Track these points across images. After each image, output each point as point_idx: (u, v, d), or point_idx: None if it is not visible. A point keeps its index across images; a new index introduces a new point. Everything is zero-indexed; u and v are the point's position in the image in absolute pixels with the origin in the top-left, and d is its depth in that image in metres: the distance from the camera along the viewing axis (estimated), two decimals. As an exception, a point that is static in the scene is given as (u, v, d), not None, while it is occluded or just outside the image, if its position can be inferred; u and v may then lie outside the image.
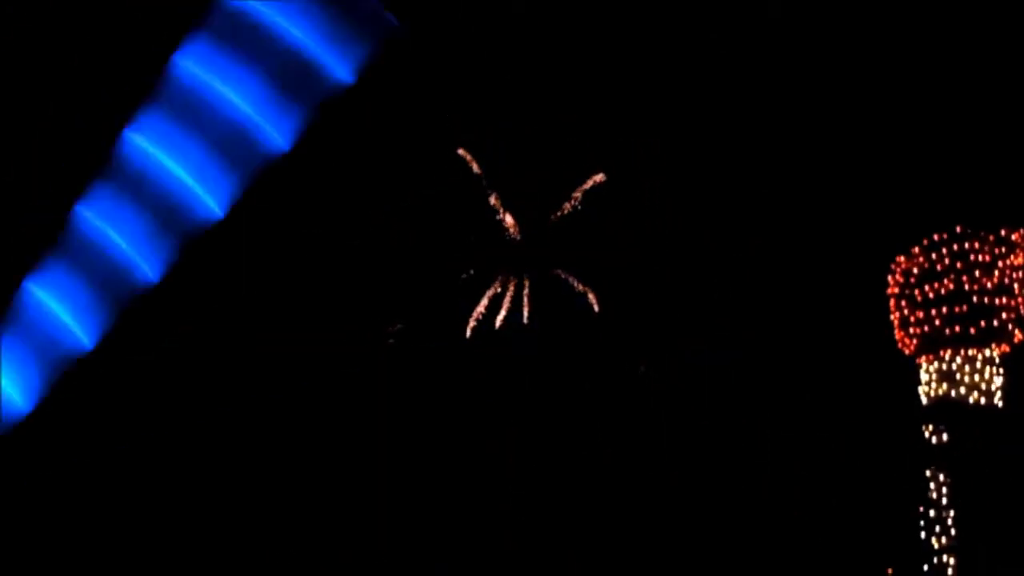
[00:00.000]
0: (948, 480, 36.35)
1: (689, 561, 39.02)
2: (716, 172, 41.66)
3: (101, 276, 38.22)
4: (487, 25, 40.77)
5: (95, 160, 39.48)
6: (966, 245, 37.30)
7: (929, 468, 36.92)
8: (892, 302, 38.62)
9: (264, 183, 39.80)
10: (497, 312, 41.98)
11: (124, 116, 39.58)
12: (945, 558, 35.91)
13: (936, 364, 37.64)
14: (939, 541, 36.12)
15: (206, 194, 37.96)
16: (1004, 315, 36.93)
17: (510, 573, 39.51)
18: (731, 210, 41.44)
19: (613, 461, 40.54)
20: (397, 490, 40.09)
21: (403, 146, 41.60)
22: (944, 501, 36.33)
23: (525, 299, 42.23)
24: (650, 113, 41.49)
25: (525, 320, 41.80)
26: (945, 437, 36.63)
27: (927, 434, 37.08)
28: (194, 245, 39.23)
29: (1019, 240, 37.48)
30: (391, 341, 41.31)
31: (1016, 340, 37.06)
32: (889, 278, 38.54)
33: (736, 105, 41.20)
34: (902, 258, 38.45)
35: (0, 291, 38.64)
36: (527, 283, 42.47)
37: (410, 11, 40.15)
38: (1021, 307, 37.10)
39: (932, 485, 36.80)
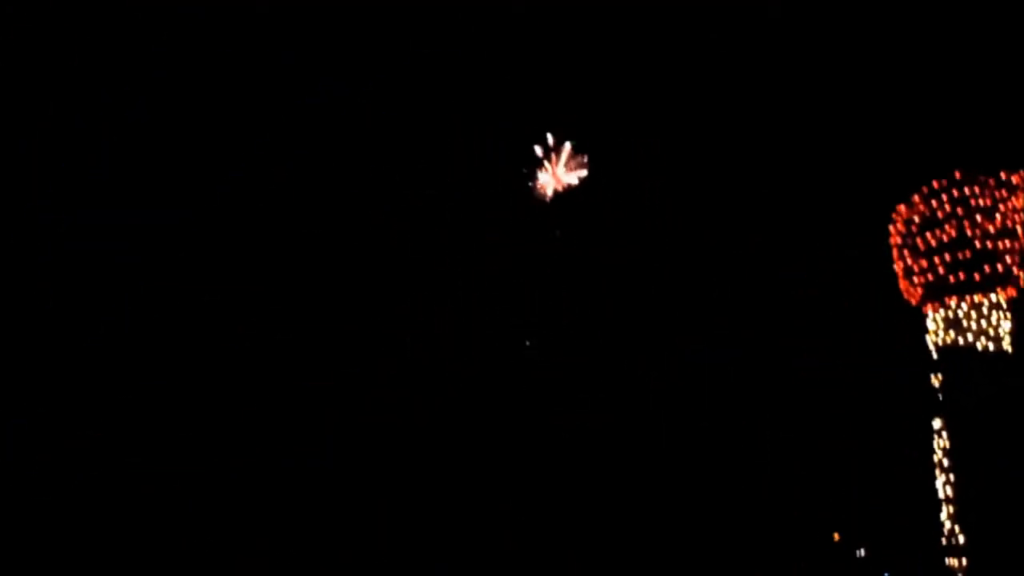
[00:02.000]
0: (955, 428, 36.09)
1: (688, 558, 38.96)
2: (716, 172, 41.62)
3: None
4: (487, 25, 40.74)
5: (95, 160, 39.61)
6: (966, 190, 36.93)
7: (937, 417, 36.69)
8: (895, 252, 38.30)
9: (265, 184, 39.90)
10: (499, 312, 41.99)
11: (123, 117, 39.73)
12: (953, 506, 35.71)
13: (942, 312, 37.35)
14: (947, 488, 35.93)
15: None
16: (1008, 258, 36.54)
17: (510, 573, 39.44)
18: (731, 210, 41.39)
19: (613, 460, 40.48)
20: (397, 490, 40.05)
21: (403, 146, 41.61)
22: (952, 449, 36.07)
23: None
24: (650, 113, 41.46)
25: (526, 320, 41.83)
26: (953, 385, 36.41)
27: (936, 383, 36.86)
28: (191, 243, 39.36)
29: (1019, 182, 37.08)
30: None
31: (1022, 283, 36.63)
32: (891, 228, 38.17)
33: (735, 105, 41.15)
34: (903, 207, 38.08)
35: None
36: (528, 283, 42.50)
37: (410, 13, 40.19)
38: None
39: (940, 434, 36.61)
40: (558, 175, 44.25)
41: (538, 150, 44.49)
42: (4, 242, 38.97)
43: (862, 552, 38.19)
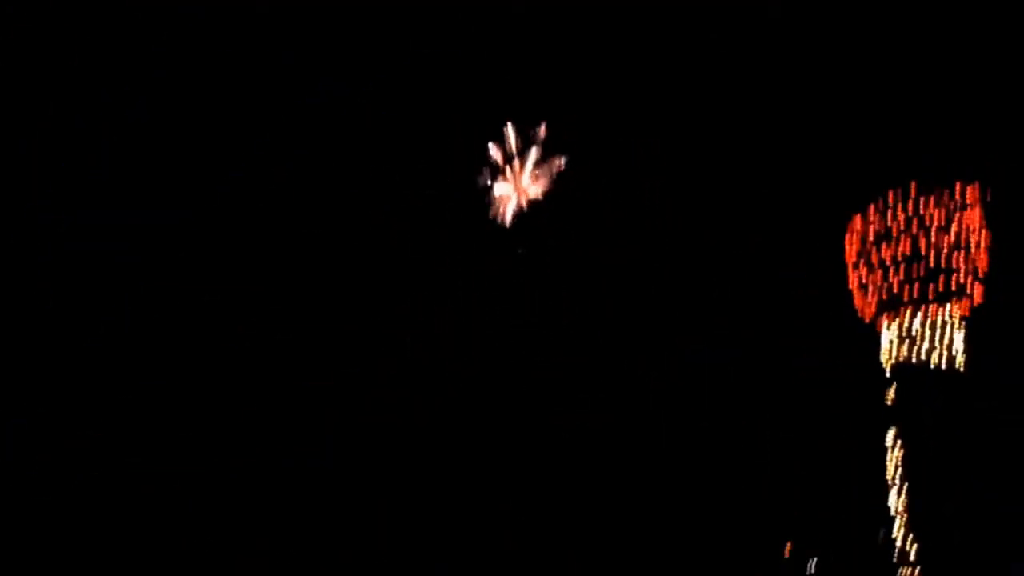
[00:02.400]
0: (909, 442, 36.21)
1: (688, 558, 39.03)
2: (716, 172, 41.65)
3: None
4: (487, 26, 40.77)
5: (95, 160, 39.67)
6: (921, 204, 36.98)
7: (890, 431, 36.73)
8: (850, 267, 38.28)
9: (266, 184, 39.96)
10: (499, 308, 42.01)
11: (123, 117, 39.78)
12: (904, 517, 35.83)
13: (896, 327, 37.40)
14: (900, 501, 36.02)
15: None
16: (963, 273, 36.60)
17: (510, 573, 39.49)
18: (731, 210, 41.43)
19: (613, 460, 40.53)
20: (397, 490, 40.11)
21: (403, 146, 41.64)
22: (905, 463, 36.16)
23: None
24: (650, 113, 41.47)
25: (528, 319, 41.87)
26: (906, 399, 36.57)
27: (889, 398, 36.91)
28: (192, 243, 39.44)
29: (974, 196, 37.06)
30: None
31: (976, 298, 36.71)
32: (846, 242, 38.17)
33: (736, 107, 41.18)
34: (858, 219, 38.04)
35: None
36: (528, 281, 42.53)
37: (411, 14, 40.22)
38: (979, 264, 36.77)
39: (894, 448, 36.67)
40: (522, 186, 41.09)
41: (495, 153, 41.18)
42: (4, 242, 39.02)
43: (813, 564, 38.30)
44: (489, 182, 41.41)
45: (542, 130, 40.92)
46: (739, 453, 39.72)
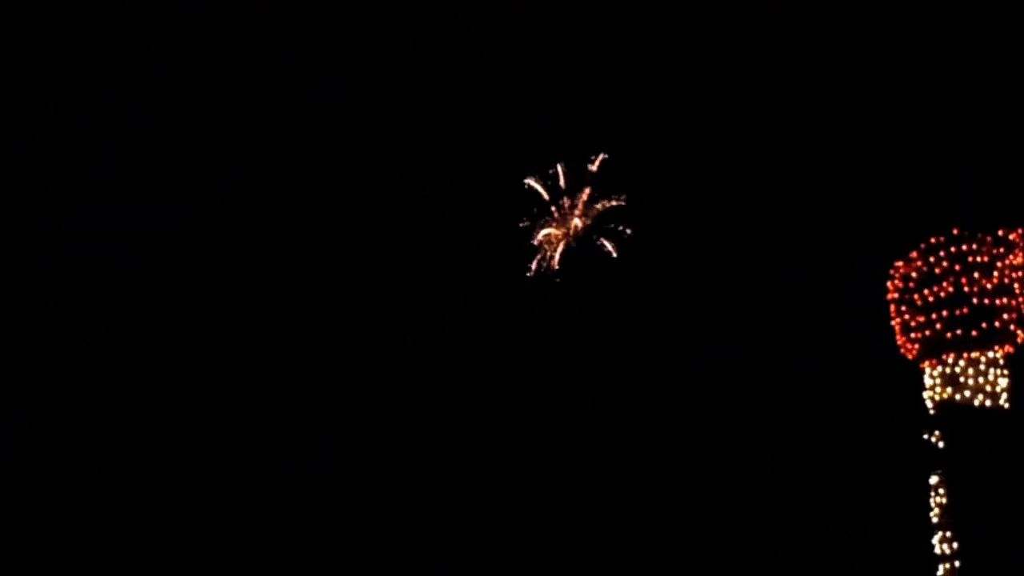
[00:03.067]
0: (953, 485, 36.20)
1: (688, 559, 39.01)
2: (716, 172, 41.65)
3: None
4: (487, 25, 40.76)
5: (95, 160, 39.66)
6: (964, 247, 37.18)
7: (934, 473, 36.80)
8: (892, 308, 38.46)
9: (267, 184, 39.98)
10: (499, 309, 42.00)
11: (123, 117, 39.78)
12: (950, 564, 35.85)
13: (940, 368, 37.57)
14: (944, 547, 36.03)
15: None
16: (1005, 316, 36.72)
17: (510, 573, 39.49)
18: (731, 210, 41.44)
19: (613, 460, 40.53)
20: (397, 490, 40.10)
21: (403, 146, 41.65)
22: (949, 506, 36.21)
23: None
24: (650, 113, 41.47)
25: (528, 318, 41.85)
26: (950, 441, 36.53)
27: (933, 439, 36.99)
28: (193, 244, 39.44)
29: (1017, 240, 37.28)
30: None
31: (1019, 340, 36.82)
32: (888, 284, 38.44)
33: (735, 105, 41.18)
34: (900, 263, 38.35)
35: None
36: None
37: (410, 13, 40.22)
38: (1022, 307, 37.02)
39: (937, 490, 36.73)
40: (574, 225, 38.48)
41: (538, 188, 39.33)
42: (4, 242, 39.04)
43: None
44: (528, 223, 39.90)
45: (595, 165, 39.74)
46: (739, 454, 39.74)
